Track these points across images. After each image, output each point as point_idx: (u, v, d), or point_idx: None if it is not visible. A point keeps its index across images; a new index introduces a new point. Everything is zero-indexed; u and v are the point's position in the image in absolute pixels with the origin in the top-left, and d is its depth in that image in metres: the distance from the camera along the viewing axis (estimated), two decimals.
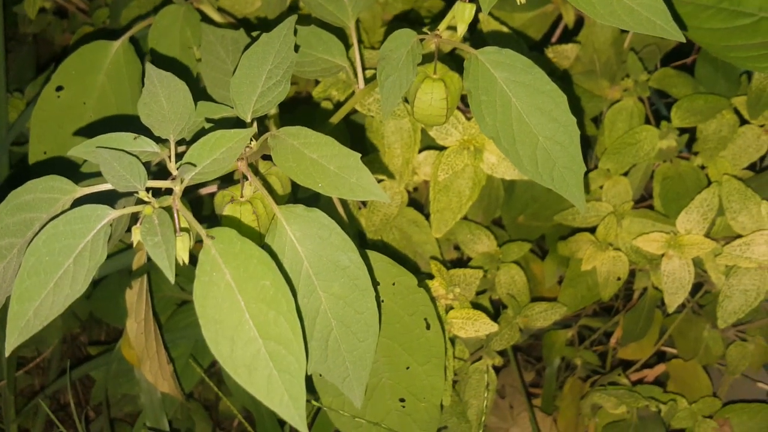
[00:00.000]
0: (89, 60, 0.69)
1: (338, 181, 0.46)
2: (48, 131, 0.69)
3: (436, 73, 0.58)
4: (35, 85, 1.04)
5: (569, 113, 0.53)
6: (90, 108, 0.69)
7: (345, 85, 0.76)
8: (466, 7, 0.54)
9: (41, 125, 0.69)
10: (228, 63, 0.60)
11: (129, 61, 0.69)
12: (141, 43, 0.76)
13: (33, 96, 1.04)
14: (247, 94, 0.50)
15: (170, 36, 0.69)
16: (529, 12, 0.92)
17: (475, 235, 0.90)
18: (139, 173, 0.43)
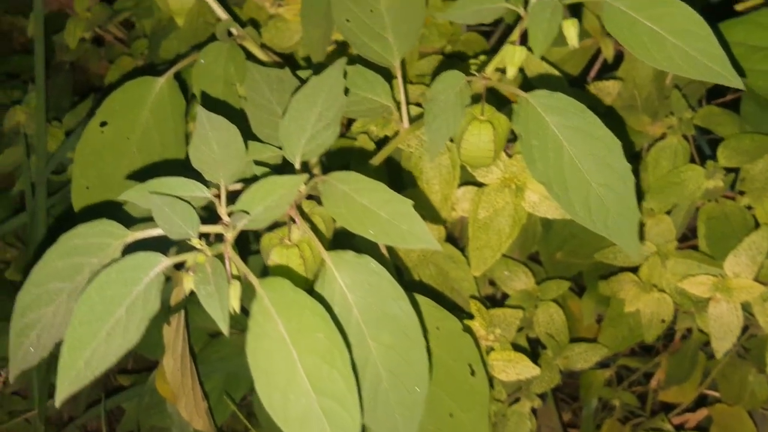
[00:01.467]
0: (133, 95, 0.69)
1: (390, 228, 0.45)
2: (91, 166, 0.69)
3: (484, 114, 0.57)
4: (74, 114, 1.05)
5: (623, 159, 0.52)
6: (134, 143, 0.69)
7: (384, 120, 0.75)
8: (516, 50, 0.54)
9: (85, 160, 0.69)
10: (273, 102, 0.60)
11: (173, 97, 0.69)
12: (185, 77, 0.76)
13: (72, 125, 1.05)
14: (296, 137, 0.50)
15: (214, 72, 0.69)
16: (567, 46, 0.91)
17: (512, 272, 0.89)
18: (192, 220, 0.42)
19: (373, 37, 0.62)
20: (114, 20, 1.06)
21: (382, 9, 0.62)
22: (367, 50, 0.62)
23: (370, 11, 0.62)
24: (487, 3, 0.53)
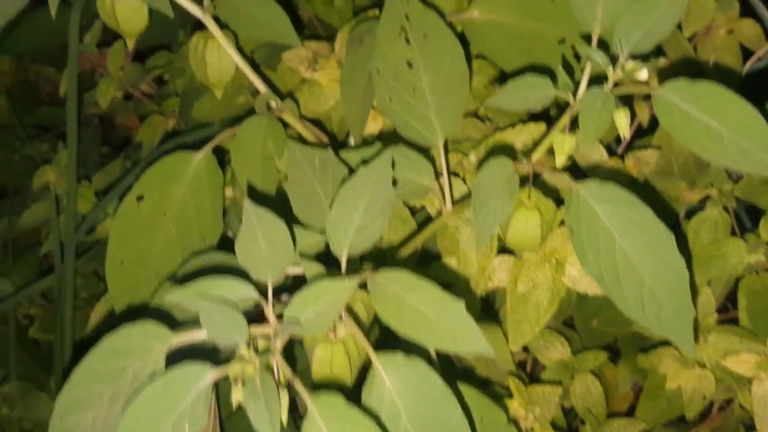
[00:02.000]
0: (171, 170, 0.68)
1: (440, 332, 0.44)
2: (127, 240, 0.69)
3: (530, 199, 0.56)
4: (104, 173, 1.04)
5: (677, 253, 0.50)
6: (170, 219, 0.69)
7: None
8: (566, 139, 0.53)
9: (120, 234, 0.69)
10: (315, 182, 0.59)
11: (211, 172, 0.68)
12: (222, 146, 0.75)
13: (102, 185, 1.04)
14: (343, 230, 0.49)
15: (252, 147, 0.69)
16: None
17: (548, 342, 0.87)
18: (241, 328, 0.41)
19: (416, 116, 0.61)
20: (146, 78, 1.06)
21: (425, 88, 0.62)
22: (409, 130, 0.61)
23: (413, 90, 0.62)
24: (535, 90, 0.53)
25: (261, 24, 0.66)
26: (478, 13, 0.71)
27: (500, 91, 0.53)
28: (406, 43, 0.63)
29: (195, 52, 0.71)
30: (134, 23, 0.68)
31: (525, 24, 0.70)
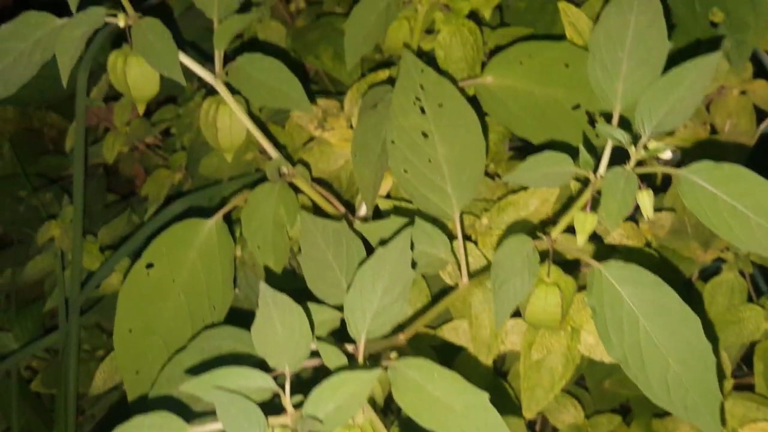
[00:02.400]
0: (181, 238, 0.67)
1: (464, 423, 0.43)
2: (135, 308, 0.68)
3: (550, 276, 0.55)
4: (110, 228, 1.04)
5: (703, 337, 0.49)
6: (179, 286, 0.67)
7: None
8: (588, 217, 0.52)
9: (129, 302, 0.68)
10: (329, 255, 0.58)
11: (221, 240, 0.67)
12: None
13: (107, 240, 1.03)
14: (361, 313, 0.48)
15: (263, 214, 0.68)
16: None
17: (560, 404, 0.86)
18: (259, 421, 0.40)
19: (432, 188, 0.60)
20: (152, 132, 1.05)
21: (441, 159, 0.61)
22: (425, 202, 0.60)
23: (429, 161, 0.61)
24: (556, 167, 0.52)
25: (273, 90, 0.66)
26: (492, 79, 0.71)
27: (520, 167, 0.53)
28: (422, 113, 0.62)
29: (206, 117, 0.71)
30: (145, 89, 0.68)
31: (539, 89, 0.70)
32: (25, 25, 0.64)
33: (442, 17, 0.77)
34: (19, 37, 0.64)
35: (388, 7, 0.72)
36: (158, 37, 0.63)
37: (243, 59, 0.66)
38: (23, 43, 0.64)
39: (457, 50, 0.77)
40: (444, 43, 0.77)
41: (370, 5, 0.72)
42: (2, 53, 0.64)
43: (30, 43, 0.64)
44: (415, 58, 0.63)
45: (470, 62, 0.77)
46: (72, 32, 0.62)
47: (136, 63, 0.67)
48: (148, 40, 0.63)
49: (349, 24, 0.72)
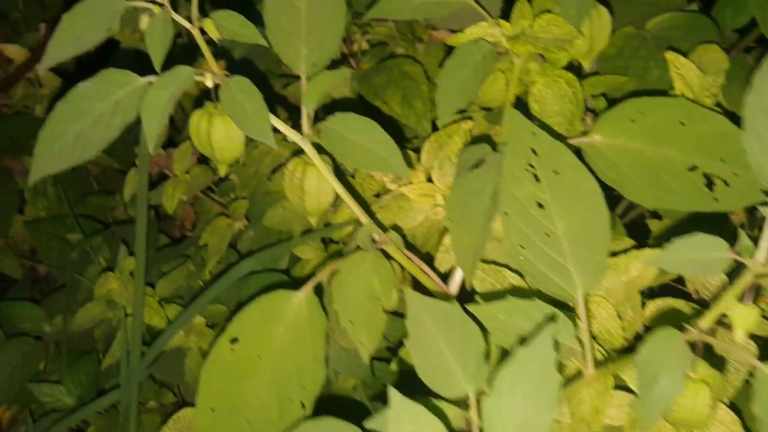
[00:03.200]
0: (268, 311, 0.63)
1: None
2: (218, 386, 0.63)
3: (697, 372, 0.50)
4: (168, 281, 0.99)
5: None
6: (266, 363, 0.62)
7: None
8: (748, 311, 0.46)
9: (212, 379, 0.63)
10: (440, 341, 0.53)
11: (312, 314, 0.62)
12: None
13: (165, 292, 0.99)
14: (502, 426, 0.42)
15: (356, 286, 0.63)
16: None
17: None
18: None
19: (551, 266, 0.55)
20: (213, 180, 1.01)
21: (560, 233, 0.56)
22: (544, 282, 0.55)
23: (546, 236, 0.56)
24: (708, 252, 0.46)
25: (368, 153, 0.61)
26: (601, 137, 0.65)
27: (666, 249, 0.47)
28: (535, 180, 0.57)
29: (291, 179, 0.66)
30: (230, 151, 0.63)
31: (652, 150, 0.64)
32: (104, 83, 0.60)
33: (537, 68, 0.72)
34: (98, 97, 0.60)
35: (483, 60, 0.67)
36: (248, 97, 0.59)
37: (335, 119, 0.62)
38: (103, 104, 0.60)
39: (554, 103, 0.72)
40: (539, 96, 0.72)
41: (464, 57, 0.67)
42: (80, 114, 0.60)
43: (110, 104, 0.60)
44: (524, 119, 0.58)
45: (568, 116, 0.71)
46: (158, 93, 0.58)
47: (221, 123, 0.62)
48: (237, 101, 0.59)
49: (441, 77, 0.67)
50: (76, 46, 0.60)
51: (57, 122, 0.60)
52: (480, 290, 0.70)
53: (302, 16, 0.64)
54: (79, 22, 0.60)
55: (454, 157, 0.78)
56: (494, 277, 0.72)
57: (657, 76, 0.81)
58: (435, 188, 0.78)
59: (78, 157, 0.60)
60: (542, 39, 0.67)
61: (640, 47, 0.83)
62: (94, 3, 0.60)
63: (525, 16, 0.68)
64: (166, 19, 0.59)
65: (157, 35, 0.59)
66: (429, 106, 0.98)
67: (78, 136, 0.60)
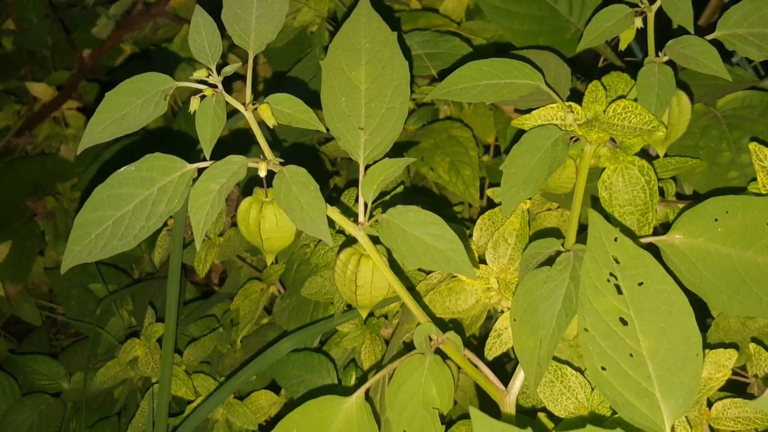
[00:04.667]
0: (316, 418, 0.57)
1: None
2: None
3: None
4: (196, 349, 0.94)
5: None
6: None
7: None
8: None
9: None
10: None
11: (363, 422, 0.57)
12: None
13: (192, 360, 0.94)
14: None
15: (411, 392, 0.58)
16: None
17: None
18: None
19: (636, 391, 0.50)
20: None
21: (645, 354, 0.50)
22: (628, 409, 0.50)
23: (630, 356, 0.50)
24: None
25: (430, 250, 0.56)
26: (681, 237, 0.60)
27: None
28: (618, 292, 0.52)
29: (344, 270, 0.61)
30: (281, 241, 0.59)
31: (737, 252, 0.59)
32: (148, 168, 0.55)
33: (608, 153, 0.67)
34: (141, 183, 0.55)
35: (554, 147, 0.62)
36: (304, 189, 0.54)
37: (395, 211, 0.57)
38: (146, 191, 0.55)
39: (625, 192, 0.67)
40: (609, 183, 0.67)
41: (534, 143, 0.62)
42: (121, 200, 0.55)
43: (154, 191, 0.55)
44: (606, 223, 0.53)
45: (640, 207, 0.66)
46: (207, 186, 0.53)
47: (272, 213, 0.57)
48: (291, 193, 0.54)
49: (507, 164, 0.62)
50: (119, 126, 0.55)
51: (95, 208, 0.55)
52: (543, 395, 0.65)
53: (363, 98, 0.59)
54: (123, 101, 0.55)
55: (510, 238, 0.74)
56: (554, 375, 0.67)
57: (729, 159, 0.76)
58: (489, 270, 0.73)
59: (115, 247, 0.56)
60: (618, 126, 0.62)
61: (711, 126, 0.78)
62: (140, 81, 0.55)
63: (599, 101, 0.64)
64: (219, 102, 0.55)
65: (208, 120, 0.54)
66: (478, 173, 0.93)
67: (117, 224, 0.55)
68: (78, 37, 1.36)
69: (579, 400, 0.66)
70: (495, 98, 0.62)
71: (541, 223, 0.75)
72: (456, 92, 0.63)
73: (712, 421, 0.68)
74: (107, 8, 1.29)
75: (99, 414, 1.07)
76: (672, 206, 0.73)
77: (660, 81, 0.62)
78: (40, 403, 1.08)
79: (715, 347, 0.67)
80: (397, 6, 1.03)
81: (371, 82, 0.59)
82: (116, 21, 1.29)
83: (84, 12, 1.35)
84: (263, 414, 0.88)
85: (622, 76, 0.69)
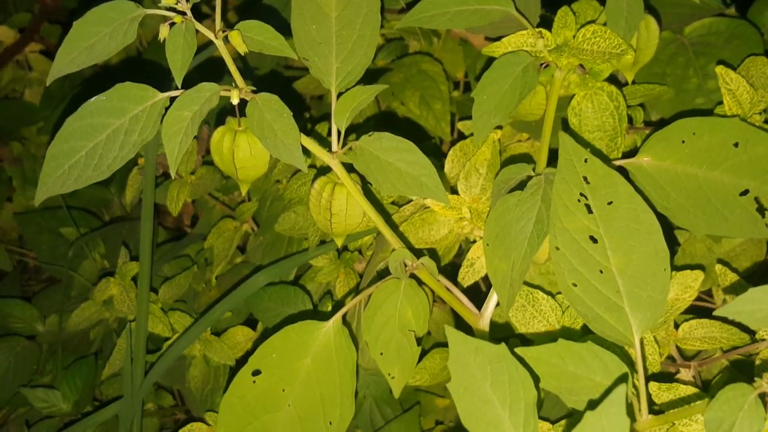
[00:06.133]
0: (293, 342, 0.58)
1: None
2: (239, 420, 0.59)
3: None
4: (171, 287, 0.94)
5: None
6: (290, 396, 0.59)
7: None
8: None
9: (232, 412, 0.59)
10: (486, 386, 0.49)
11: (341, 346, 0.58)
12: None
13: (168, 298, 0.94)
14: None
15: (387, 316, 0.59)
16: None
17: None
18: None
19: (606, 306, 0.51)
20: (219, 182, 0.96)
21: (614, 270, 0.52)
22: (598, 323, 0.51)
23: (600, 272, 0.52)
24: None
25: (404, 176, 0.57)
26: (650, 159, 0.61)
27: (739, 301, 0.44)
28: (588, 212, 0.53)
29: (318, 199, 0.62)
30: (253, 170, 0.59)
31: (703, 173, 0.60)
32: (120, 98, 0.55)
33: (577, 80, 0.67)
34: (113, 113, 0.55)
35: (524, 73, 0.62)
36: (277, 116, 0.54)
37: (369, 139, 0.57)
38: (118, 120, 0.55)
39: (594, 118, 0.67)
40: (578, 110, 0.68)
41: (504, 70, 0.63)
42: (93, 131, 0.55)
43: (126, 120, 0.55)
44: (576, 145, 0.54)
45: (610, 132, 0.67)
46: (180, 113, 0.53)
47: (246, 142, 0.58)
48: (265, 120, 0.54)
49: (478, 91, 0.62)
50: (87, 56, 0.55)
51: (67, 139, 0.55)
52: (516, 319, 0.66)
53: (333, 25, 0.59)
54: (91, 30, 0.54)
55: (481, 168, 0.74)
56: (525, 299, 0.69)
57: (696, 85, 0.77)
58: (461, 200, 0.74)
59: (89, 177, 0.56)
60: (588, 51, 0.63)
61: (678, 54, 0.79)
62: (108, 10, 0.55)
63: (568, 26, 0.64)
64: (189, 29, 0.54)
65: (178, 47, 0.54)
66: (448, 107, 0.93)
67: (90, 155, 0.55)
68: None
69: (550, 322, 0.68)
70: (465, 24, 0.62)
71: (512, 153, 0.76)
72: (426, 19, 0.63)
73: (679, 341, 0.71)
74: None
75: (75, 355, 1.07)
76: (640, 132, 0.74)
77: (629, 5, 0.63)
78: (15, 346, 1.08)
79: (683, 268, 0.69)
80: None
81: (341, 9, 0.59)
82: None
83: None
84: (240, 349, 0.89)
85: (591, 2, 0.69)
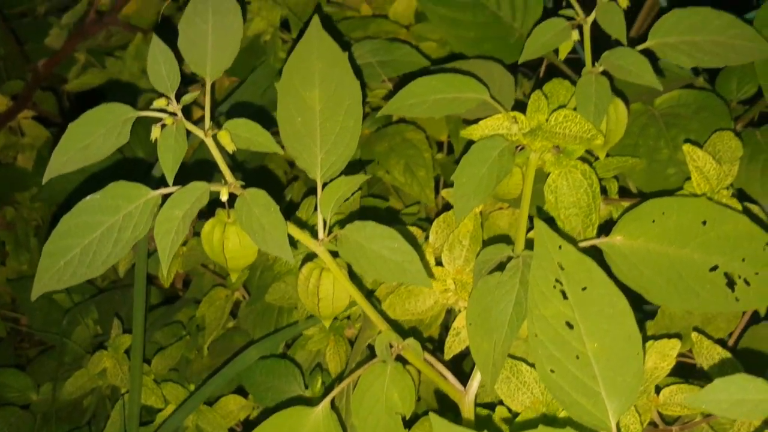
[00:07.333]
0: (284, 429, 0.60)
1: None
2: None
3: None
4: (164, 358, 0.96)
5: None
6: None
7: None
8: None
9: None
10: None
11: (329, 430, 0.60)
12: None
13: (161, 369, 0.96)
14: None
15: (374, 399, 0.61)
16: None
17: None
18: None
19: (582, 391, 0.54)
20: None
21: (590, 355, 0.54)
22: (575, 408, 0.53)
23: (576, 357, 0.54)
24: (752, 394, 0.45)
25: (387, 262, 0.59)
26: (621, 239, 0.64)
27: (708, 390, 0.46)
28: (563, 298, 0.55)
29: (306, 284, 0.64)
30: (244, 260, 0.61)
31: (674, 251, 0.63)
32: (113, 196, 0.57)
33: (552, 159, 0.70)
34: (106, 211, 0.57)
35: (500, 157, 0.65)
36: (265, 211, 0.57)
37: (353, 227, 0.60)
38: (111, 218, 0.57)
39: (569, 195, 0.70)
40: (554, 187, 0.70)
41: (481, 153, 0.65)
42: (87, 228, 0.57)
43: (119, 217, 0.57)
44: (551, 231, 0.57)
45: (584, 208, 0.70)
46: (172, 212, 0.55)
47: (235, 234, 0.60)
48: (253, 215, 0.57)
49: (458, 175, 0.65)
50: (82, 156, 0.57)
51: (62, 237, 0.57)
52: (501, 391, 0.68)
53: (317, 118, 0.62)
54: (86, 131, 0.57)
55: (464, 240, 0.77)
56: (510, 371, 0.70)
57: (667, 156, 0.80)
58: (445, 272, 0.77)
59: (84, 274, 0.58)
60: (560, 134, 0.66)
61: (649, 125, 0.82)
62: (102, 111, 0.57)
63: (541, 110, 0.67)
64: (179, 130, 0.57)
65: (169, 147, 0.56)
66: (432, 174, 0.96)
67: (84, 251, 0.57)
68: (31, 48, 1.35)
69: (534, 394, 0.70)
70: (444, 112, 0.65)
71: (494, 222, 0.78)
72: (406, 107, 0.66)
73: (660, 407, 0.73)
74: (59, 18, 1.29)
75: (69, 424, 1.08)
76: (615, 204, 0.77)
77: (597, 91, 0.66)
78: (10, 416, 1.09)
79: (661, 336, 0.71)
80: (349, 12, 1.06)
81: (325, 102, 0.62)
82: (69, 30, 1.29)
83: (36, 22, 1.34)
84: (233, 418, 0.90)
85: (563, 83, 0.72)
